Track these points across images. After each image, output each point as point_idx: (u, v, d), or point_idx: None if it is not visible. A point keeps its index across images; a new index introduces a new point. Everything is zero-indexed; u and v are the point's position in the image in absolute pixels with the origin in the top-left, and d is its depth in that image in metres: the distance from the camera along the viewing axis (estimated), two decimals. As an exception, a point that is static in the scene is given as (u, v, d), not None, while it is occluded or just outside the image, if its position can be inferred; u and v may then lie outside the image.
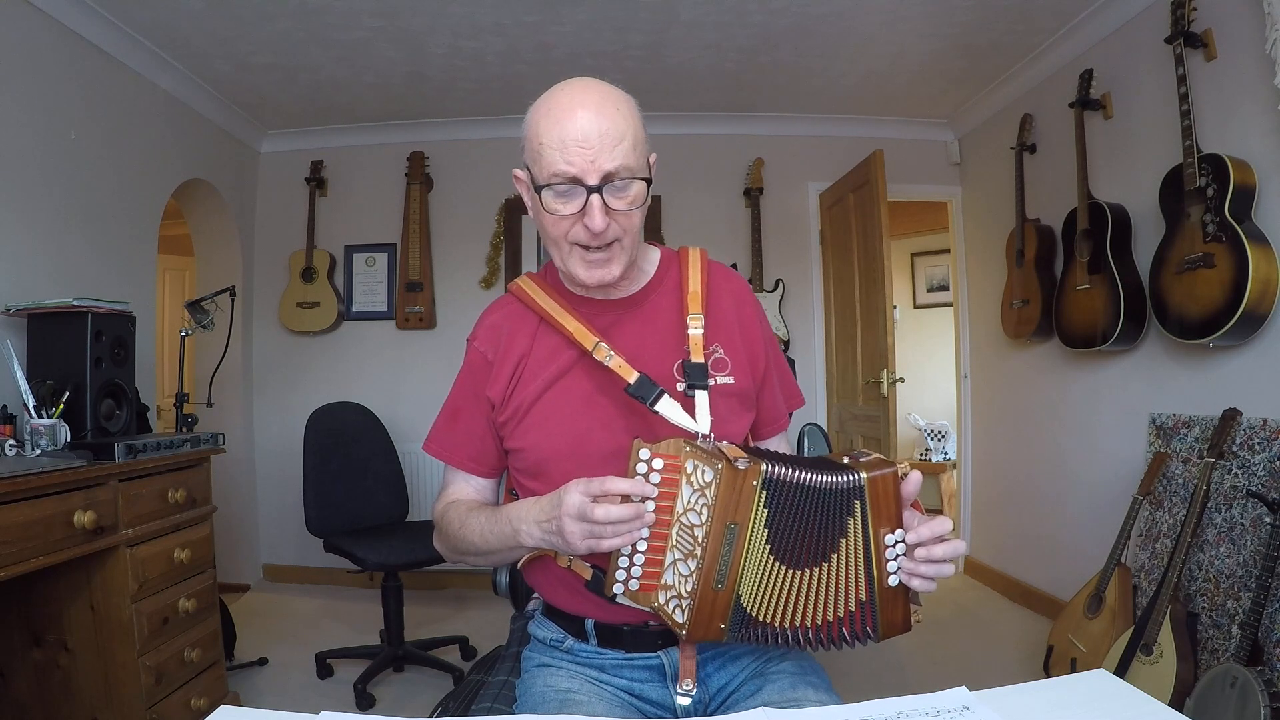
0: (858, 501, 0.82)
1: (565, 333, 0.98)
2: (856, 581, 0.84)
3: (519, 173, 0.98)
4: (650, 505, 0.84)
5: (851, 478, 0.82)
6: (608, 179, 0.89)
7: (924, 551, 0.83)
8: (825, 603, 0.85)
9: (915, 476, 0.83)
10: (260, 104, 3.53)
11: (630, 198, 0.91)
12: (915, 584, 0.84)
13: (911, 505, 0.85)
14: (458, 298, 3.81)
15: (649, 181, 0.93)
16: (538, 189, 0.92)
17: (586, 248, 0.93)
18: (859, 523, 0.83)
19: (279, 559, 3.83)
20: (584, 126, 0.88)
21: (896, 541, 0.83)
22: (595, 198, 0.89)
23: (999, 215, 3.42)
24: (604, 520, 0.81)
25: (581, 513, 0.82)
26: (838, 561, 0.84)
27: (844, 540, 0.83)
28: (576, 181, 0.89)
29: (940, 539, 0.83)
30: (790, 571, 0.84)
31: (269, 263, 3.85)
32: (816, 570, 0.84)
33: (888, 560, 0.84)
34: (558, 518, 0.84)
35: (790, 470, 0.83)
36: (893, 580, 0.84)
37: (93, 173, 2.64)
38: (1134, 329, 2.48)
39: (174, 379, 3.27)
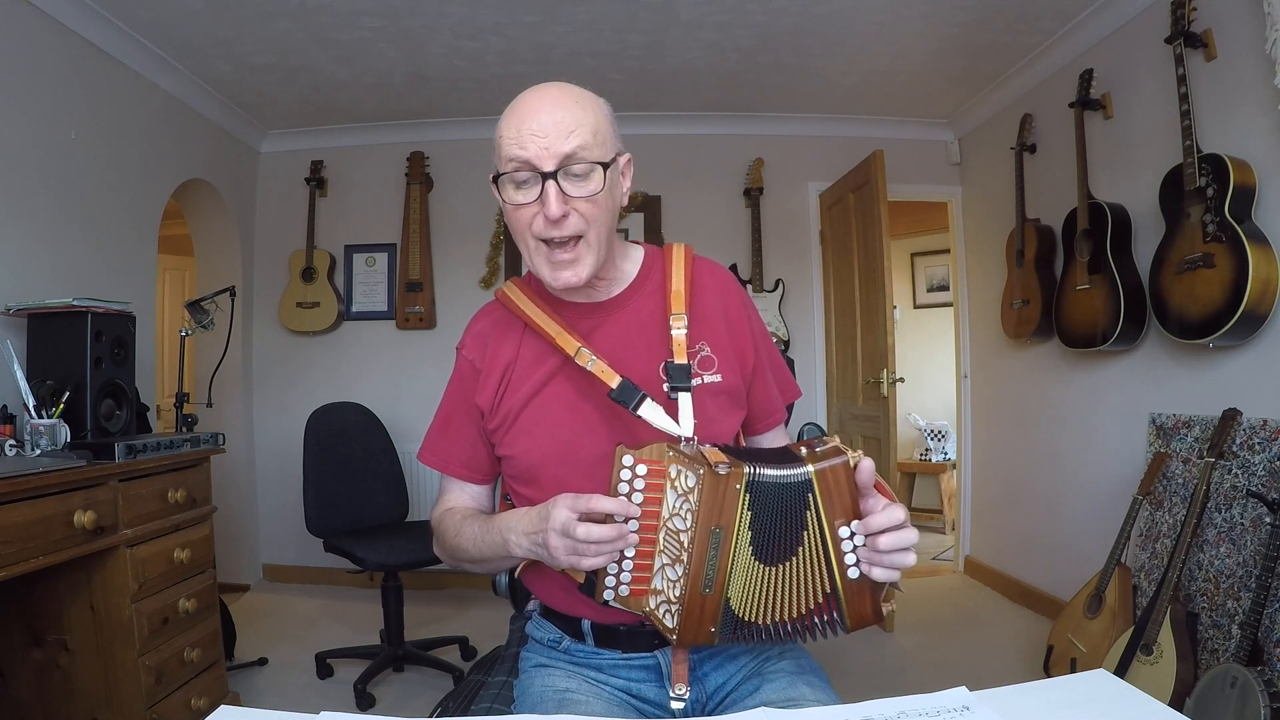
0: (810, 495, 0.82)
1: (548, 338, 0.98)
2: (819, 575, 0.84)
3: (492, 182, 0.97)
4: (634, 525, 0.84)
5: (800, 471, 0.82)
6: (565, 163, 0.88)
7: (870, 541, 0.82)
8: (796, 596, 0.85)
9: (866, 464, 0.82)
10: (260, 104, 3.53)
11: (590, 187, 0.90)
12: (876, 574, 0.82)
13: (876, 489, 0.84)
14: (458, 298, 3.81)
15: (605, 167, 0.90)
16: (497, 180, 0.93)
17: (550, 244, 0.92)
18: (815, 515, 0.83)
19: (279, 559, 3.83)
20: (540, 117, 0.89)
21: (853, 533, 0.83)
22: (551, 184, 0.88)
23: (999, 215, 3.42)
24: (584, 539, 0.81)
25: (565, 529, 0.82)
26: (803, 554, 0.84)
27: (806, 533, 0.83)
28: (531, 167, 0.88)
29: (890, 528, 0.81)
30: (767, 569, 0.85)
31: (269, 263, 3.85)
32: (786, 565, 0.84)
33: (845, 552, 0.83)
34: (544, 531, 0.84)
35: (768, 469, 0.83)
36: (853, 572, 0.83)
37: (93, 173, 2.64)
38: (1134, 329, 2.48)
39: (174, 379, 3.28)
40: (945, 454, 4.93)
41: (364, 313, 3.85)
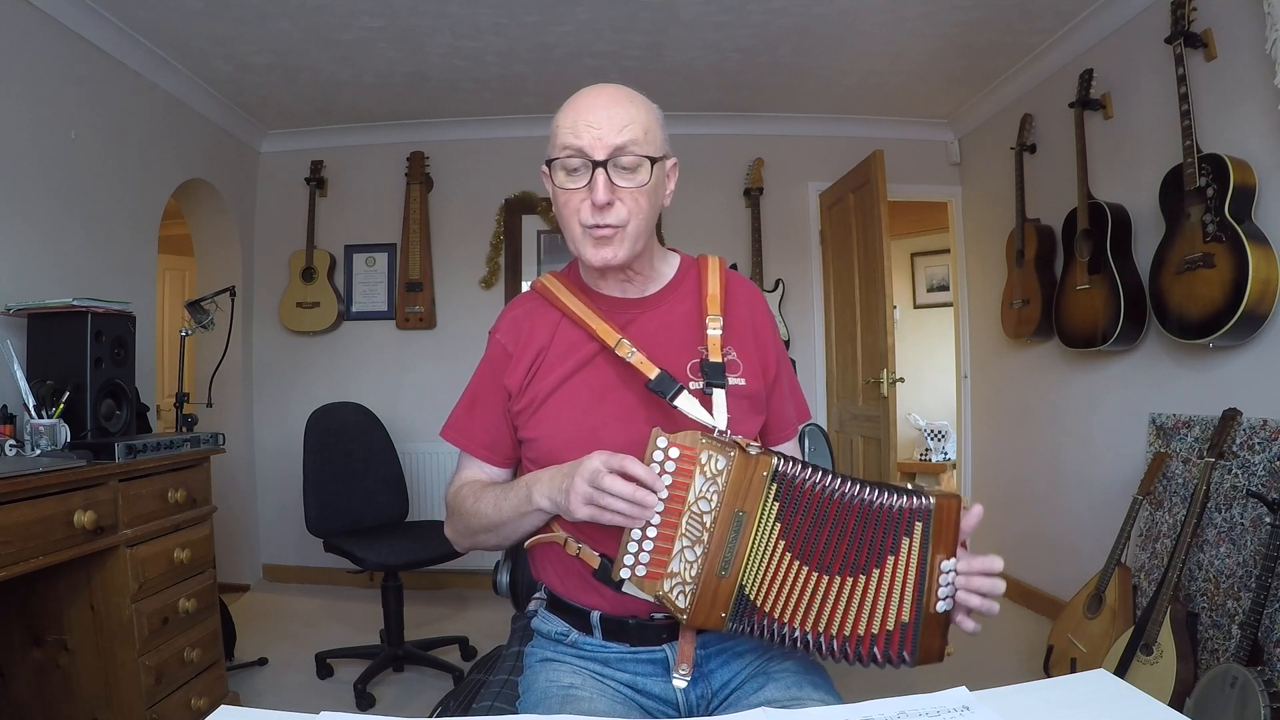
0: (920, 524, 0.84)
1: (587, 328, 1.01)
2: (902, 601, 0.85)
3: (545, 168, 1.02)
4: (659, 505, 0.85)
5: (919, 501, 0.84)
6: (615, 154, 0.93)
7: (964, 580, 0.85)
8: (860, 615, 0.85)
9: (977, 510, 0.86)
10: (260, 104, 3.53)
11: (638, 179, 0.95)
12: (967, 625, 0.86)
13: (962, 544, 0.87)
14: (458, 298, 3.81)
15: (654, 162, 0.95)
16: (549, 164, 0.98)
17: (595, 228, 0.96)
18: (917, 544, 0.84)
19: (279, 559, 3.83)
20: (597, 111, 0.95)
21: (951, 569, 0.84)
22: (600, 172, 0.93)
23: (999, 215, 3.42)
24: (610, 490, 0.83)
25: (594, 477, 0.84)
26: (882, 577, 0.85)
27: (893, 558, 0.84)
28: (583, 155, 0.93)
29: (986, 574, 0.85)
30: (816, 575, 0.85)
31: (269, 263, 3.85)
32: (853, 580, 0.85)
33: (940, 585, 0.84)
34: (572, 476, 0.87)
35: (805, 471, 0.85)
36: (941, 606, 0.85)
37: (93, 173, 2.64)
38: (1134, 329, 2.48)
39: (174, 379, 3.27)
40: (945, 454, 4.94)
41: (364, 313, 3.85)
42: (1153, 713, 0.71)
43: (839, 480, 0.85)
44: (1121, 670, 2.03)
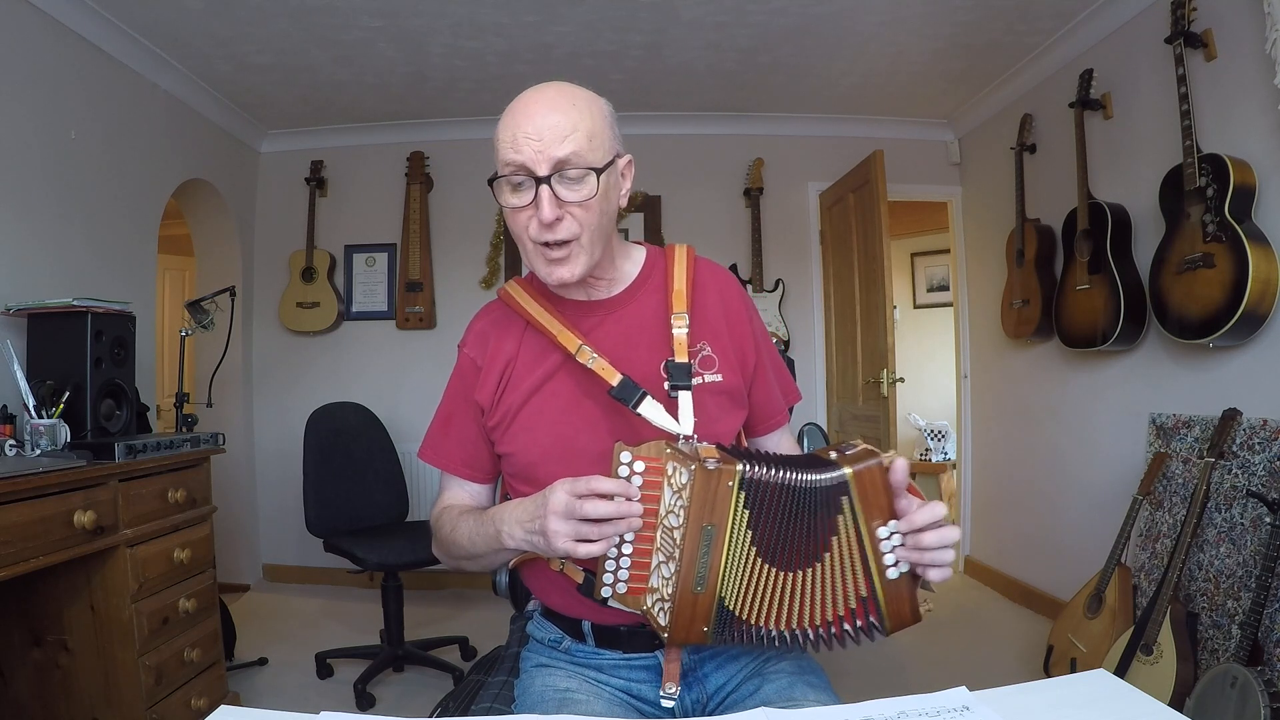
0: (845, 498, 0.82)
1: (550, 336, 0.98)
2: (854, 578, 0.83)
3: (490, 186, 0.98)
4: (637, 508, 0.83)
5: (835, 474, 0.81)
6: (559, 168, 0.88)
7: (913, 539, 0.82)
8: (824, 602, 0.84)
9: (900, 464, 0.82)
10: (260, 104, 3.53)
11: (584, 192, 0.90)
12: (932, 575, 0.82)
13: (908, 491, 0.84)
14: (458, 298, 3.81)
15: (599, 172, 0.90)
16: (492, 182, 0.93)
17: (546, 245, 0.93)
18: (849, 519, 0.82)
19: (279, 559, 3.83)
20: (536, 120, 0.89)
21: (891, 533, 0.82)
22: (544, 188, 0.88)
23: (999, 215, 3.42)
24: (591, 515, 0.80)
25: (568, 511, 0.81)
26: (832, 560, 0.83)
27: (835, 538, 0.83)
28: (526, 171, 0.89)
29: (932, 525, 0.81)
30: (781, 574, 0.84)
31: (269, 263, 3.85)
32: (810, 571, 0.84)
33: (884, 553, 0.83)
34: (542, 517, 0.83)
35: (771, 470, 0.82)
36: (892, 573, 0.83)
37: (93, 173, 2.64)
38: (1134, 329, 2.48)
39: (174, 379, 3.27)
40: (945, 454, 4.94)
41: (364, 313, 3.85)
42: (1153, 713, 0.70)
43: (788, 471, 0.82)
44: (1121, 670, 2.03)
